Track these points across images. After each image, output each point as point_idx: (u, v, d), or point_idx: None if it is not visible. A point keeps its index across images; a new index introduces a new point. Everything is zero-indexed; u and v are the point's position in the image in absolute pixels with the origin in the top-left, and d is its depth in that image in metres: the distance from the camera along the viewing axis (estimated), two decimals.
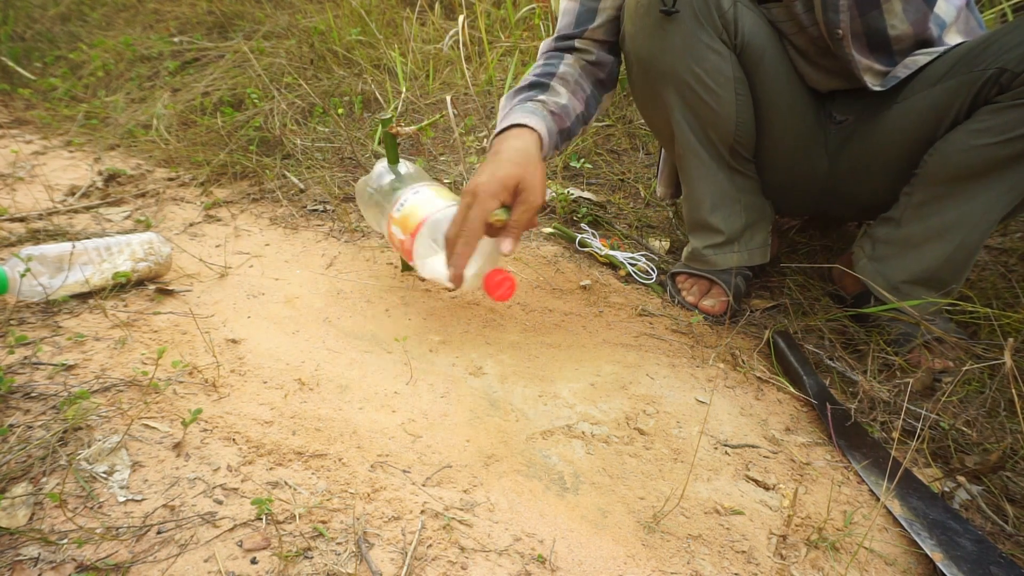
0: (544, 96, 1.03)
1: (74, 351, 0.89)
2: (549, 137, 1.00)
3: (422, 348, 1.01)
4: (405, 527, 0.69)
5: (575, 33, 1.09)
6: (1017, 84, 0.89)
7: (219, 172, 1.53)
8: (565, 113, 1.04)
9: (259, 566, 0.63)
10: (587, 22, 1.08)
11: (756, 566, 0.70)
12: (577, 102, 1.06)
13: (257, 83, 1.82)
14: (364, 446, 0.80)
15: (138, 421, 0.78)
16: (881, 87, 1.03)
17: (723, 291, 1.16)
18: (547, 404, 0.91)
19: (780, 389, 1.01)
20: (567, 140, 1.08)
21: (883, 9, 0.98)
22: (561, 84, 1.06)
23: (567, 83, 1.06)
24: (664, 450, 0.85)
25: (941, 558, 0.71)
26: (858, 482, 0.84)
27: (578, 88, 1.08)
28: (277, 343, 0.98)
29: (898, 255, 1.04)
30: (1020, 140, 0.90)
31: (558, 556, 0.68)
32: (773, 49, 1.06)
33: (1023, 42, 0.88)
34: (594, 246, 1.32)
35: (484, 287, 0.93)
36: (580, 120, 1.08)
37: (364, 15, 2.04)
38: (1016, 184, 0.94)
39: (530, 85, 1.06)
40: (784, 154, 1.14)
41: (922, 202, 1.01)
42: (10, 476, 0.68)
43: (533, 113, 0.99)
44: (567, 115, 1.05)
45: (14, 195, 1.36)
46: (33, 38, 2.30)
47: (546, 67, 1.08)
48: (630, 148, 1.71)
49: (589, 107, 1.10)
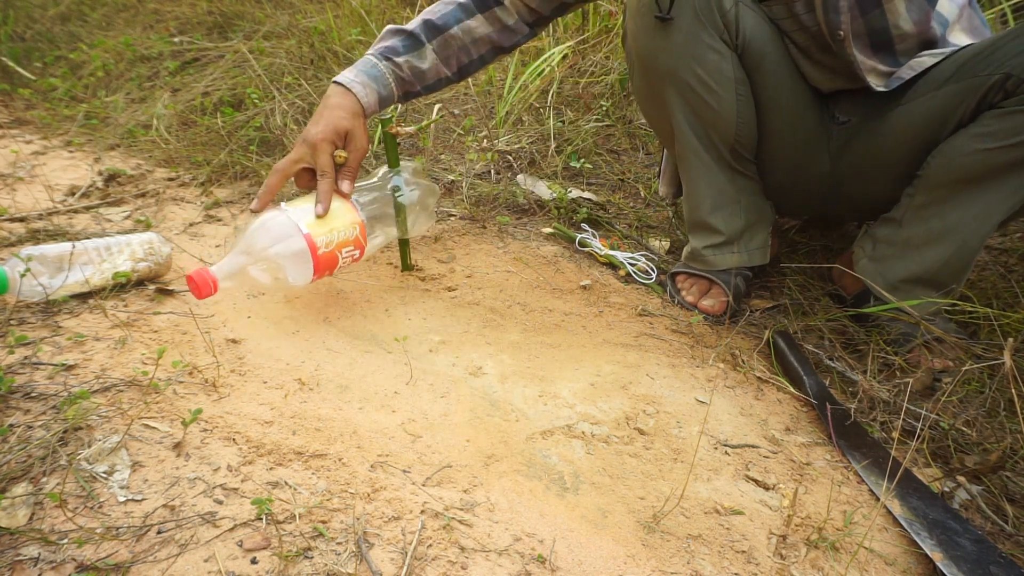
0: (405, 57, 1.08)
1: (74, 351, 0.89)
2: (380, 102, 1.07)
3: (422, 348, 1.01)
4: (405, 527, 0.69)
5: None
6: (1022, 90, 0.89)
7: (219, 172, 1.53)
8: (418, 77, 1.10)
9: (259, 566, 0.63)
10: None
11: (756, 566, 0.70)
12: (446, 69, 1.11)
13: (257, 83, 1.82)
14: (364, 446, 0.80)
15: (138, 421, 0.78)
16: (885, 88, 1.02)
17: (722, 291, 1.16)
18: (547, 404, 0.91)
19: (780, 389, 1.01)
20: (416, 97, 1.15)
21: (885, 9, 0.98)
22: (437, 48, 1.09)
23: (447, 47, 1.09)
24: (664, 450, 0.85)
25: (941, 558, 0.71)
26: (858, 482, 0.84)
27: (461, 54, 1.11)
28: (277, 343, 0.98)
29: (898, 256, 1.04)
30: (1022, 146, 0.90)
31: (558, 556, 0.68)
32: (775, 49, 1.06)
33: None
34: (594, 246, 1.32)
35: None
36: (443, 82, 1.14)
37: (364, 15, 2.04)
38: (1017, 188, 0.94)
39: (407, 34, 1.09)
40: (786, 154, 1.14)
41: (924, 204, 1.01)
42: (10, 476, 0.68)
43: (373, 80, 1.05)
44: (421, 79, 1.10)
45: (14, 195, 1.36)
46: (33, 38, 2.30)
47: (444, 17, 1.09)
48: (630, 148, 1.71)
49: (464, 71, 1.14)
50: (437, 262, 1.26)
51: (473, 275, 1.23)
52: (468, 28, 1.10)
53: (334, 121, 1.01)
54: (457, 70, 1.13)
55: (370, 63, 1.07)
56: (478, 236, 1.36)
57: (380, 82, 1.06)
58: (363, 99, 1.04)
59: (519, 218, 1.44)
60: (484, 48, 1.13)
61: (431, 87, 1.13)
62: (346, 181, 1.03)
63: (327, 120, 1.01)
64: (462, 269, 1.24)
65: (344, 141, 1.03)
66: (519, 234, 1.38)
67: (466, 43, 1.10)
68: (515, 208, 1.48)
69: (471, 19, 1.09)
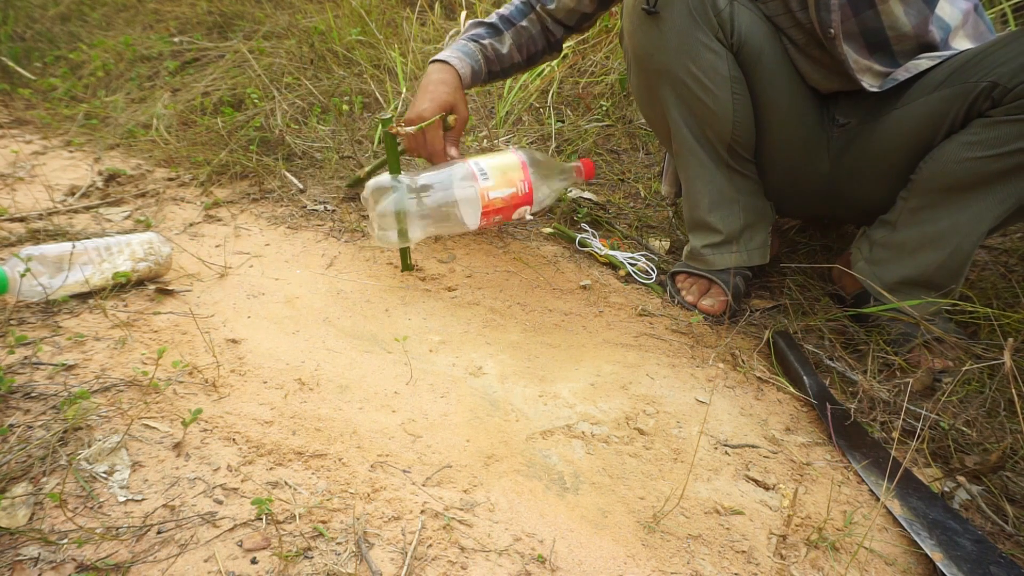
0: (489, 40, 1.24)
1: (74, 351, 0.89)
2: (473, 75, 1.22)
3: (422, 348, 1.01)
4: (405, 527, 0.69)
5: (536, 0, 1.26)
6: (1009, 99, 0.89)
7: (219, 172, 1.53)
8: (500, 59, 1.25)
9: (259, 566, 0.63)
10: (548, 1, 1.24)
11: (756, 566, 0.70)
12: (518, 54, 1.27)
13: (257, 83, 1.82)
14: (364, 446, 0.80)
15: (138, 421, 0.78)
16: (879, 88, 1.03)
17: (722, 291, 1.16)
18: (547, 404, 0.91)
19: (780, 389, 1.01)
20: (496, 78, 1.30)
21: (879, 10, 0.98)
22: (513, 36, 1.25)
23: (519, 36, 1.26)
24: (664, 450, 0.85)
25: (941, 558, 0.71)
26: (858, 482, 0.84)
27: (529, 44, 1.27)
28: (277, 343, 0.98)
29: (894, 259, 1.04)
30: (1010, 156, 0.91)
31: (558, 556, 0.68)
32: (771, 48, 1.06)
33: (1016, 57, 0.89)
34: (594, 246, 1.32)
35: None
36: (515, 68, 1.29)
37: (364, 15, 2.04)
38: (1006, 197, 0.95)
39: (489, 24, 1.26)
40: (784, 155, 1.14)
41: (917, 208, 1.01)
42: (10, 476, 0.68)
43: (467, 55, 1.21)
44: (500, 61, 1.26)
45: (14, 195, 1.36)
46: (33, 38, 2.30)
47: (513, 13, 1.26)
48: (630, 148, 1.71)
49: (532, 60, 1.30)
50: (437, 262, 1.26)
51: (473, 275, 1.23)
52: (531, 21, 1.25)
53: (439, 97, 1.15)
54: (527, 58, 1.28)
55: (461, 44, 1.23)
56: (478, 236, 1.36)
57: (472, 57, 1.22)
58: (461, 71, 1.18)
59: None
60: (542, 43, 1.28)
61: (507, 70, 1.28)
62: (452, 147, 1.17)
63: (432, 96, 1.15)
64: (462, 269, 1.24)
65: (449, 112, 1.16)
66: (519, 234, 1.38)
67: (532, 34, 1.26)
68: None
69: (528, 17, 1.25)
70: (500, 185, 1.17)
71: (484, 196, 1.16)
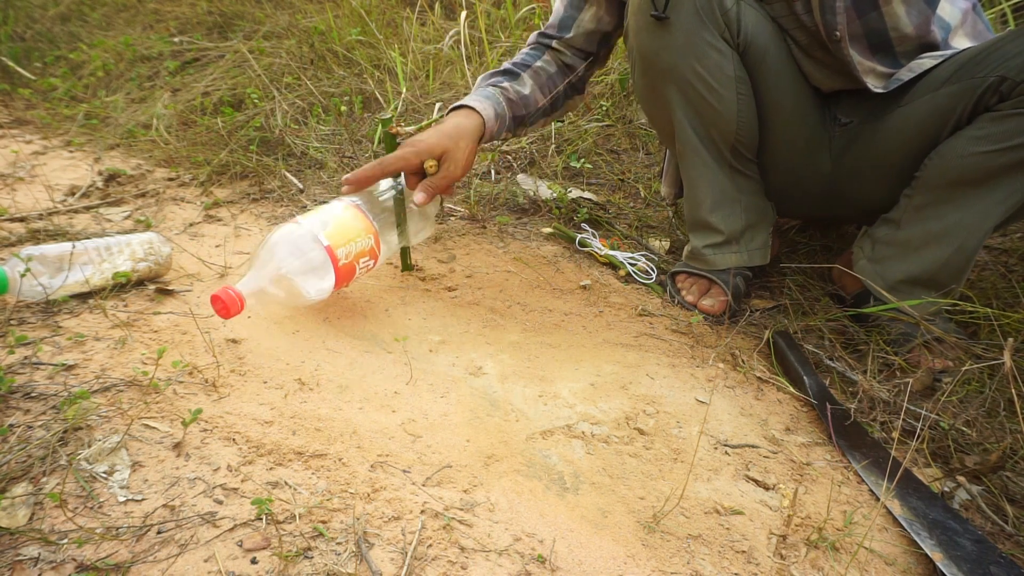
0: (508, 83, 1.16)
1: (74, 351, 0.89)
2: (497, 120, 1.12)
3: (422, 348, 1.01)
4: (405, 527, 0.69)
5: (555, 36, 1.20)
6: (1017, 93, 0.89)
7: (219, 172, 1.53)
8: (524, 103, 1.17)
9: (259, 566, 0.63)
10: (564, 31, 1.19)
11: (756, 566, 0.70)
12: (541, 96, 1.19)
13: (257, 83, 1.82)
14: (364, 446, 0.80)
15: (138, 421, 0.78)
16: (883, 89, 1.03)
17: (722, 291, 1.16)
18: (547, 404, 0.91)
19: (780, 389, 1.01)
20: (522, 127, 1.20)
21: (882, 11, 0.98)
22: (532, 77, 1.18)
23: (538, 77, 1.18)
24: (664, 450, 0.85)
25: (941, 558, 0.71)
26: (858, 482, 0.84)
27: (549, 84, 1.19)
28: (277, 343, 0.98)
29: (897, 257, 1.04)
30: (1018, 149, 0.91)
31: (558, 556, 0.68)
32: (776, 48, 1.06)
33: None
34: (594, 246, 1.32)
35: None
36: (541, 113, 1.20)
37: (364, 15, 2.04)
38: (1014, 191, 0.94)
39: (503, 71, 1.18)
40: (787, 155, 1.14)
41: (922, 205, 1.01)
42: (10, 476, 0.68)
43: (488, 98, 1.12)
44: (525, 104, 1.17)
45: (14, 195, 1.36)
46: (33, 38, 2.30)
47: (525, 58, 1.20)
48: (630, 148, 1.71)
49: (556, 103, 1.22)
50: (437, 262, 1.26)
51: (473, 275, 1.23)
52: (546, 63, 1.20)
53: (438, 137, 1.05)
54: (550, 101, 1.21)
55: (480, 90, 1.15)
56: (478, 236, 1.36)
57: (494, 100, 1.13)
58: (484, 113, 1.09)
59: (519, 218, 1.45)
60: (561, 81, 1.21)
61: (533, 116, 1.19)
62: (422, 194, 1.04)
63: (435, 132, 1.06)
64: (462, 269, 1.24)
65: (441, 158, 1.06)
66: (519, 234, 1.38)
67: (551, 73, 1.20)
68: (515, 208, 1.48)
69: (543, 58, 1.20)
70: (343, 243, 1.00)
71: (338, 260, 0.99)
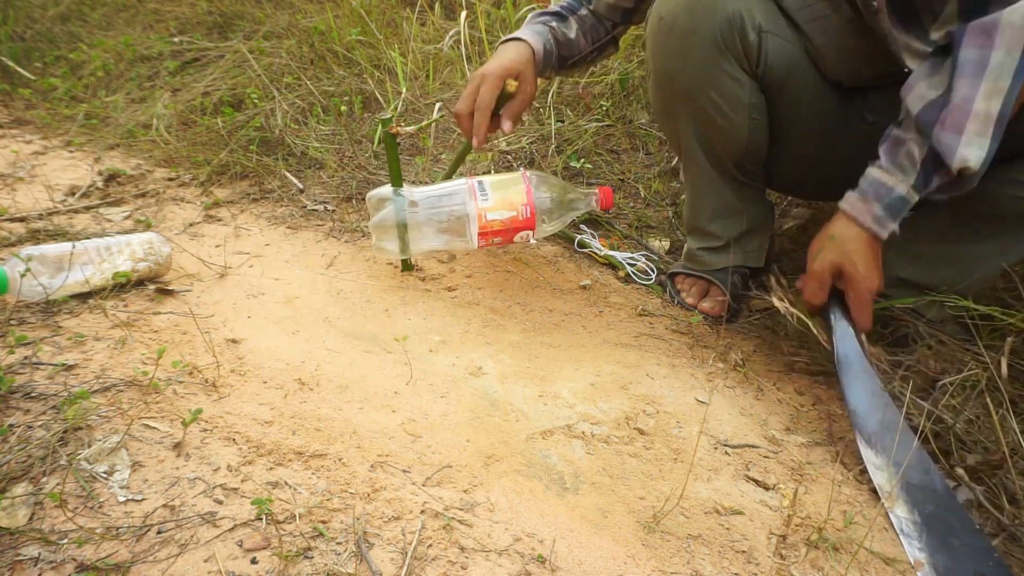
0: (556, 24, 1.17)
1: (74, 351, 0.89)
2: (545, 55, 1.13)
3: (422, 348, 1.01)
4: (405, 527, 0.69)
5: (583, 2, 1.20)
6: None
7: (219, 172, 1.53)
8: (568, 44, 1.18)
9: (259, 566, 0.63)
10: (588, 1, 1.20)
11: (756, 566, 0.70)
12: (585, 42, 1.19)
13: (257, 83, 1.82)
14: (364, 446, 0.80)
15: (138, 421, 0.78)
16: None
17: (721, 291, 1.16)
18: (547, 404, 0.91)
19: (780, 389, 1.01)
20: (564, 67, 1.21)
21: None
22: (577, 23, 1.18)
23: (584, 24, 1.19)
24: (664, 450, 0.85)
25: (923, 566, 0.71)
26: (858, 482, 0.84)
27: (592, 32, 1.20)
28: (277, 343, 0.98)
29: (909, 263, 1.02)
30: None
31: (558, 556, 0.68)
32: (800, 72, 1.04)
33: None
34: (594, 246, 1.32)
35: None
36: (583, 59, 1.22)
37: (364, 15, 2.04)
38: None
39: (553, 13, 1.19)
40: (806, 161, 1.13)
41: (944, 226, 1.00)
42: (10, 476, 0.68)
43: (538, 34, 1.14)
44: (570, 47, 1.18)
45: (14, 195, 1.36)
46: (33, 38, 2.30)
47: (571, 3, 1.20)
48: (630, 148, 1.71)
49: (600, 49, 1.22)
50: (437, 262, 1.26)
51: (473, 275, 1.23)
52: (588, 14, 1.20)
53: (507, 61, 1.07)
54: (593, 45, 1.21)
55: (531, 25, 1.17)
56: None
57: (543, 36, 1.14)
58: (534, 44, 1.11)
59: None
60: (603, 31, 1.21)
61: (576, 60, 1.21)
62: (508, 121, 1.07)
63: (499, 59, 1.07)
64: (462, 269, 1.24)
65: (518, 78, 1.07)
66: None
67: (593, 23, 1.20)
68: None
69: (585, 8, 1.20)
70: (499, 207, 1.11)
71: (481, 216, 1.11)
